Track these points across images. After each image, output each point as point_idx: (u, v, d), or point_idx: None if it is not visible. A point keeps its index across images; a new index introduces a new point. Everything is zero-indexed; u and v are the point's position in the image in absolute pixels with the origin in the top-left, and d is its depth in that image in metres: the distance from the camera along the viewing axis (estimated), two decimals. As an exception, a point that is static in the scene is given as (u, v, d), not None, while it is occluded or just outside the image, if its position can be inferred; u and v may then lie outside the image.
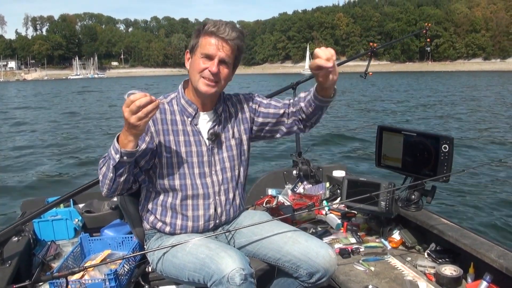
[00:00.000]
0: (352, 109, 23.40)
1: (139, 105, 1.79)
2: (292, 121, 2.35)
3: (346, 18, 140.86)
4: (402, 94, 33.32)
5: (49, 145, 14.47)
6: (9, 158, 12.45)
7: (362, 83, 45.46)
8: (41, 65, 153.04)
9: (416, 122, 17.22)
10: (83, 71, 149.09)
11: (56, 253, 3.09)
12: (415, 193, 3.10)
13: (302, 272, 2.17)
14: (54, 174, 10.42)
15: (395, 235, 3.05)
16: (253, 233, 2.29)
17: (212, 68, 2.10)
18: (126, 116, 1.82)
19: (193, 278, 2.05)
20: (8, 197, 8.29)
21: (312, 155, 4.36)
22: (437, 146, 2.93)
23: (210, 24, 2.12)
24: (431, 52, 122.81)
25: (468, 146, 11.88)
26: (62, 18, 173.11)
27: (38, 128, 19.29)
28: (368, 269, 2.72)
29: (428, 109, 22.52)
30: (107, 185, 2.07)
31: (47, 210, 3.07)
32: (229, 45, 2.12)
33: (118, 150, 1.93)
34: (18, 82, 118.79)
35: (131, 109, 1.80)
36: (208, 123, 2.28)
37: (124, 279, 2.64)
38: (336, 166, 4.26)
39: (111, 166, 1.98)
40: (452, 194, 7.55)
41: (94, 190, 3.68)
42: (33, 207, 3.30)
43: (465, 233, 2.68)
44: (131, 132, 1.89)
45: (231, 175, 2.32)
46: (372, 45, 4.47)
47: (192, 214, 2.26)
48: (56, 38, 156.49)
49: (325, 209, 3.61)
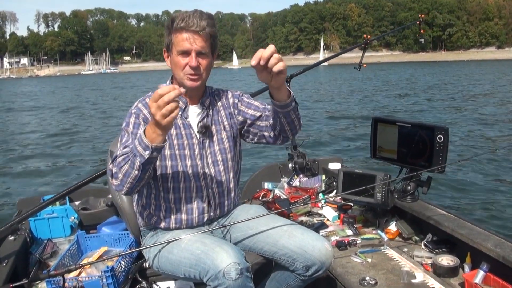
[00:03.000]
0: (355, 99, 23.38)
1: (167, 100, 1.71)
2: (264, 126, 2.31)
3: (358, 9, 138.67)
4: (403, 85, 33.26)
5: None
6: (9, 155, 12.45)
7: (374, 74, 45.45)
8: (54, 61, 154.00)
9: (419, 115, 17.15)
10: (96, 67, 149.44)
11: (53, 251, 3.08)
12: (411, 184, 3.10)
13: (298, 265, 2.17)
14: (50, 171, 10.40)
15: (392, 227, 3.06)
16: (249, 227, 2.29)
17: (192, 63, 2.09)
18: (153, 112, 1.73)
19: (189, 274, 2.05)
20: (3, 196, 8.27)
21: (307, 148, 4.34)
22: (432, 137, 2.93)
23: (178, 20, 2.09)
24: (444, 41, 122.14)
25: (466, 136, 11.93)
26: (73, 14, 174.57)
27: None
28: (365, 260, 2.73)
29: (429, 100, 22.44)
30: (129, 184, 1.97)
31: (43, 208, 3.06)
32: (201, 36, 2.09)
33: (149, 146, 1.83)
34: (31, 78, 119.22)
35: (158, 104, 1.71)
36: (198, 116, 2.27)
37: (121, 275, 2.64)
38: (331, 159, 4.25)
39: (138, 163, 1.89)
40: (448, 185, 7.56)
41: (90, 187, 3.69)
42: (29, 205, 3.29)
43: (461, 223, 2.69)
44: (161, 126, 1.78)
45: (224, 168, 2.31)
46: (366, 37, 4.48)
47: (186, 207, 2.25)
48: (68, 34, 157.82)
49: (321, 201, 3.61)
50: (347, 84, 36.18)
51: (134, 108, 2.20)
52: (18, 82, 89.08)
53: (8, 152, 12.99)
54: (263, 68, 1.85)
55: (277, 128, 2.24)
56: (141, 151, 1.85)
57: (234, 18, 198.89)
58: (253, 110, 2.35)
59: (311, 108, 20.23)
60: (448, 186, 7.52)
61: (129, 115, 2.18)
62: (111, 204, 3.49)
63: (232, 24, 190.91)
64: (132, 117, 2.17)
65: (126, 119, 2.18)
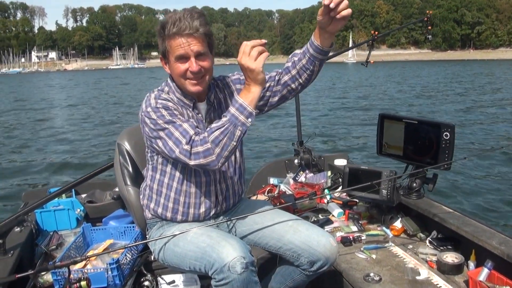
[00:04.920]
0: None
1: (252, 45, 1.87)
2: (282, 88, 2.26)
3: (386, 6, 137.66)
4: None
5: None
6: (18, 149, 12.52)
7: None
8: (82, 55, 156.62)
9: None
10: (123, 61, 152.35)
11: (59, 243, 3.10)
12: (417, 181, 3.10)
13: (303, 260, 2.18)
14: (57, 163, 10.45)
15: (397, 223, 3.05)
16: (255, 222, 2.30)
17: (193, 67, 2.04)
18: (243, 62, 1.89)
19: (194, 266, 2.05)
20: (10, 188, 8.31)
21: (313, 144, 4.35)
22: (438, 134, 2.92)
23: (169, 25, 2.02)
24: (473, 40, 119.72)
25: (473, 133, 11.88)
26: (102, 9, 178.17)
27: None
28: (370, 257, 2.73)
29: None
30: (225, 158, 1.95)
31: (49, 201, 3.07)
32: (196, 38, 2.03)
33: (252, 113, 1.91)
34: (59, 72, 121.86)
35: (244, 50, 1.88)
36: (205, 112, 2.25)
37: (127, 268, 2.65)
38: (337, 155, 4.25)
39: (239, 133, 1.92)
40: (453, 182, 7.54)
41: (96, 180, 3.71)
42: (35, 198, 3.31)
43: (466, 220, 2.68)
44: (254, 78, 1.91)
45: (229, 162, 2.30)
46: (373, 33, 4.46)
47: (194, 201, 2.26)
48: (96, 29, 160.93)
49: (327, 197, 3.61)
50: (369, 82, 36.01)
51: (157, 104, 2.08)
52: (46, 76, 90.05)
53: (20, 144, 13.09)
54: (328, 11, 1.91)
55: (310, 79, 2.21)
56: (243, 119, 1.91)
57: (262, 15, 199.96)
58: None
59: (320, 103, 20.22)
60: (454, 183, 7.51)
61: (156, 110, 2.05)
62: (117, 197, 3.50)
63: (260, 21, 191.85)
64: (163, 110, 2.05)
65: (157, 115, 2.05)
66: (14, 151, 12.29)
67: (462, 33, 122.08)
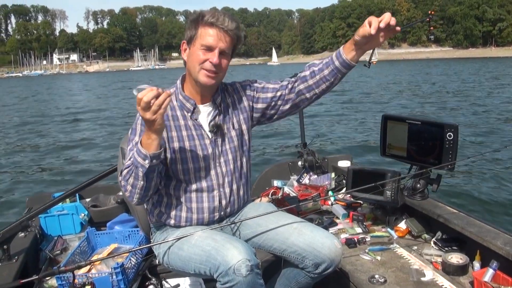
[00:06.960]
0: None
1: (147, 100, 1.79)
2: (296, 97, 2.28)
3: (407, 3, 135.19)
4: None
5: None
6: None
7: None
8: (103, 57, 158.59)
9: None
10: (145, 63, 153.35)
11: (63, 248, 3.11)
12: (421, 182, 3.09)
13: (308, 263, 2.18)
14: (60, 168, 10.45)
15: (401, 224, 3.05)
16: (259, 224, 2.30)
17: (214, 60, 2.08)
18: (141, 114, 1.85)
19: (199, 270, 2.05)
20: (14, 193, 8.32)
21: (317, 146, 4.34)
22: (442, 134, 2.91)
23: (209, 15, 2.10)
24: (495, 37, 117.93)
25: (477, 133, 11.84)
26: (122, 11, 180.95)
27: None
28: (375, 258, 2.72)
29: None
30: (138, 194, 2.06)
31: (53, 205, 3.09)
32: (229, 35, 2.11)
33: (147, 155, 1.93)
34: (80, 74, 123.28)
35: (142, 106, 1.81)
36: (209, 115, 2.26)
37: (131, 272, 2.65)
38: (341, 157, 4.25)
39: (141, 174, 1.98)
40: (457, 182, 7.52)
41: (100, 184, 3.71)
42: (39, 203, 3.32)
43: (471, 221, 2.68)
44: (152, 129, 1.89)
45: (234, 167, 2.31)
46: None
47: (196, 206, 2.26)
48: (117, 31, 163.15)
49: (331, 199, 3.60)
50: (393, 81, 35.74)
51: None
52: (67, 78, 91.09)
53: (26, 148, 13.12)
54: (370, 35, 1.94)
55: (320, 88, 2.21)
56: (141, 161, 1.95)
57: (282, 14, 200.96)
58: (271, 92, 2.32)
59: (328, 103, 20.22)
60: (458, 183, 7.48)
61: (136, 122, 2.20)
62: (121, 201, 3.51)
63: (280, 20, 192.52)
64: (139, 125, 2.20)
65: (132, 127, 2.21)
66: (20, 152, 12.33)
67: (484, 30, 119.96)
